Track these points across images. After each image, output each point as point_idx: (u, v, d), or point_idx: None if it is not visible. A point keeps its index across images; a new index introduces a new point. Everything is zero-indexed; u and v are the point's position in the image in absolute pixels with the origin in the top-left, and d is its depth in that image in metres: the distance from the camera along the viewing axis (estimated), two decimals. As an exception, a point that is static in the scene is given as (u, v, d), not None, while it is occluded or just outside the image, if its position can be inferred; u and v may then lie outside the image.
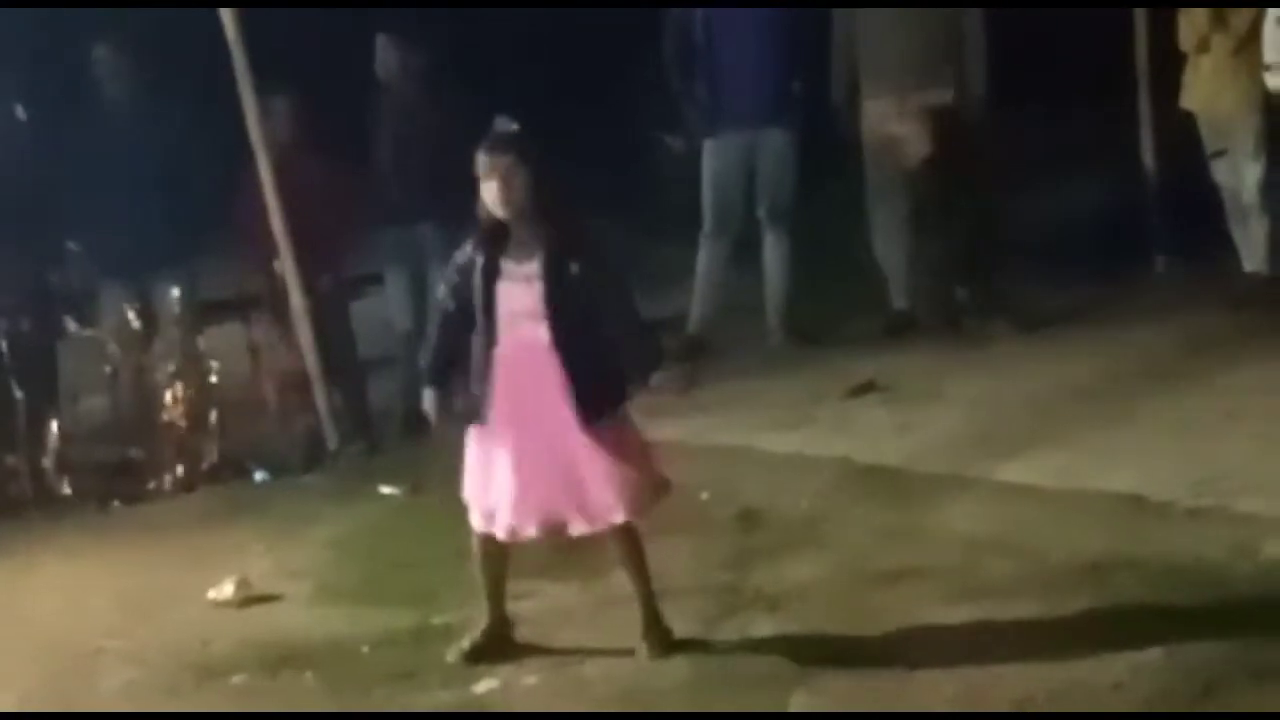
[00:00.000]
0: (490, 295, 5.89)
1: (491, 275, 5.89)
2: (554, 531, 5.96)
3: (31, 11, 9.76)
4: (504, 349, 5.91)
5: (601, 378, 5.89)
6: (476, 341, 5.95)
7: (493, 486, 5.96)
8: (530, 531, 5.94)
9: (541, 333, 5.85)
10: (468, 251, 5.98)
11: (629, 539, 6.00)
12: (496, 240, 5.90)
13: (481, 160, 5.90)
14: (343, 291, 9.87)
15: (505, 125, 5.97)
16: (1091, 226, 11.27)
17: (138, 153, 9.35)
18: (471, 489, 6.05)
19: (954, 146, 9.75)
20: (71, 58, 9.82)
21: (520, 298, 5.87)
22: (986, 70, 9.86)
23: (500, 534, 5.97)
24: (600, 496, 5.87)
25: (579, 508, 5.88)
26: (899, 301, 10.15)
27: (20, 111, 9.47)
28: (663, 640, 5.97)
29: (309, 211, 9.24)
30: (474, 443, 6.03)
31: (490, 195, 5.87)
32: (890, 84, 9.91)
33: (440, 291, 6.13)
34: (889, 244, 10.11)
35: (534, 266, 5.86)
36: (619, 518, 5.89)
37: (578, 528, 5.93)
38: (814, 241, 10.27)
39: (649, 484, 5.97)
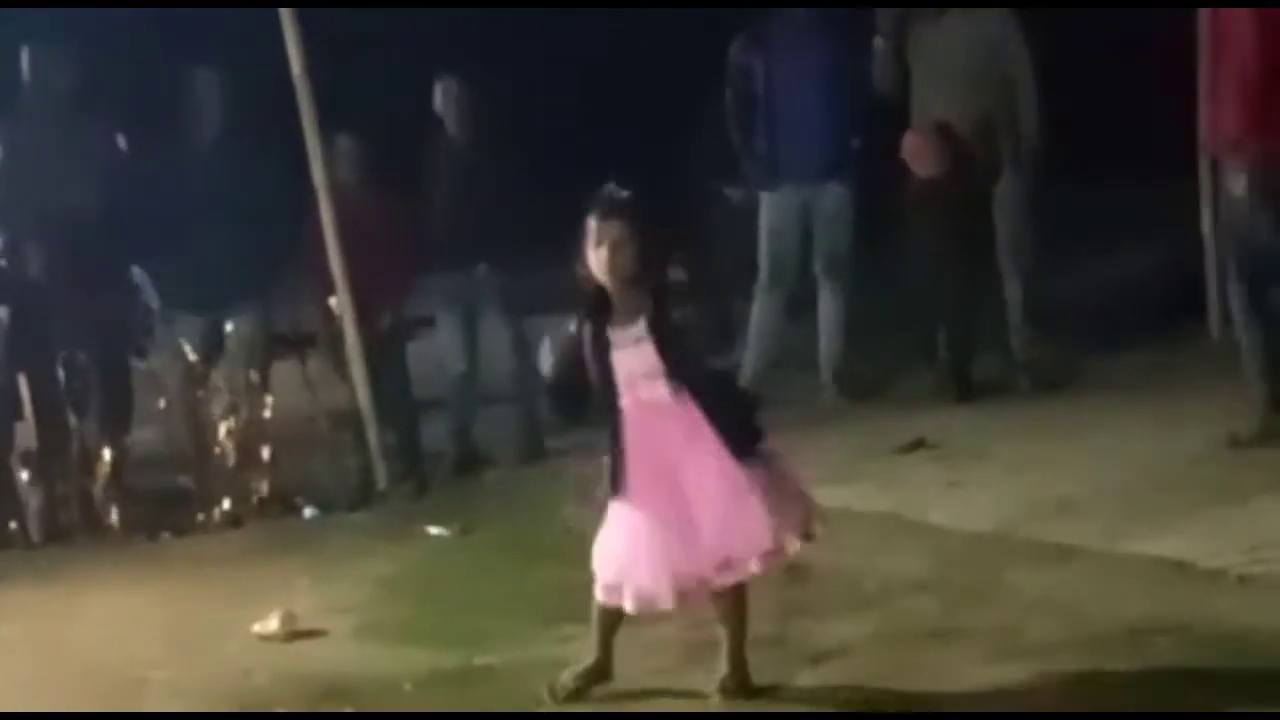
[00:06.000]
0: (606, 365, 5.82)
1: (604, 346, 5.82)
2: (692, 596, 5.85)
3: (115, 44, 9.87)
4: (627, 413, 5.83)
5: (738, 411, 5.85)
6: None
7: (626, 557, 5.84)
8: (668, 600, 5.81)
9: (660, 390, 5.78)
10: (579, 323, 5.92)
11: (739, 589, 5.91)
12: (601, 309, 5.83)
13: (592, 227, 5.81)
14: (401, 331, 9.91)
15: (616, 191, 5.87)
16: (1147, 292, 11.25)
17: (204, 187, 9.42)
18: (601, 559, 5.91)
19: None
20: (142, 89, 9.93)
21: (632, 360, 5.79)
22: (1040, 134, 9.82)
23: (629, 606, 5.85)
24: (757, 531, 5.74)
25: (722, 557, 5.76)
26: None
27: (121, 141, 9.58)
28: (744, 689, 5.89)
29: (371, 250, 9.29)
30: (614, 513, 5.89)
31: (598, 263, 5.78)
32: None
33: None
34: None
35: (640, 328, 5.77)
36: (789, 547, 5.81)
37: (724, 579, 5.80)
38: (869, 297, 10.27)
39: (810, 508, 5.91)
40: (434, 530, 8.55)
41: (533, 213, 9.28)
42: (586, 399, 6.17)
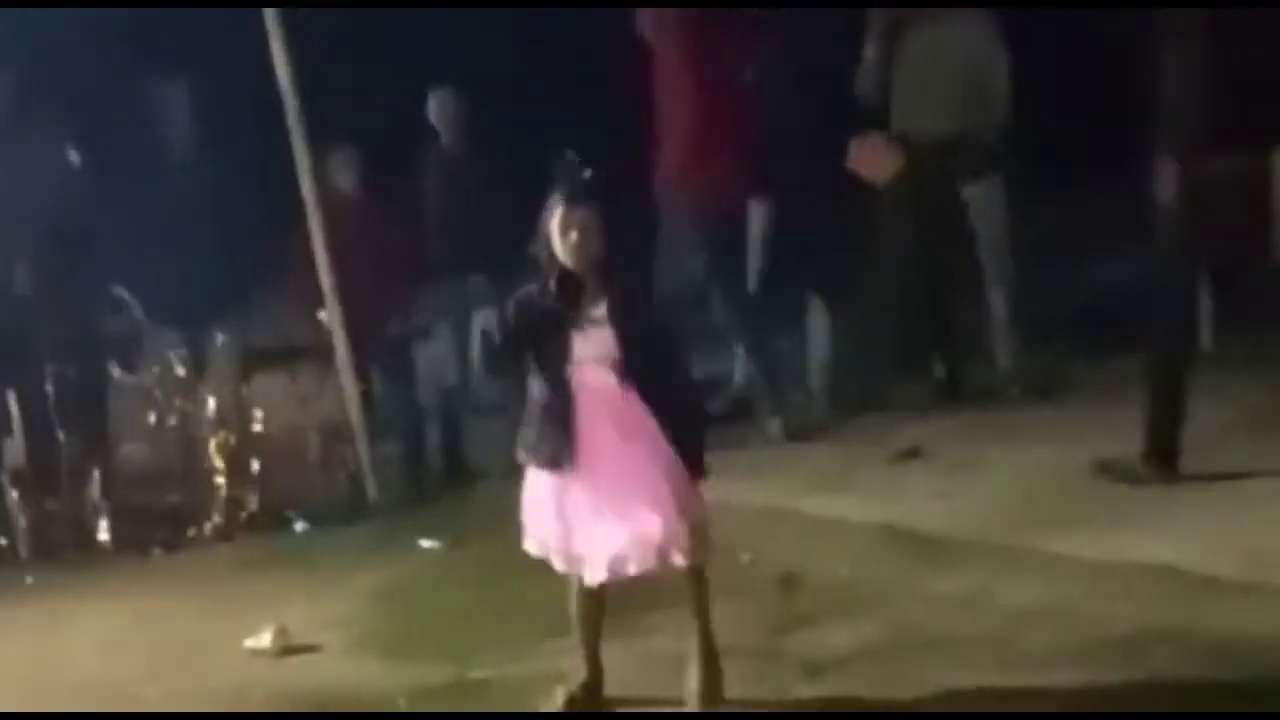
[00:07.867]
0: (566, 343, 5.79)
1: (565, 324, 5.79)
2: (620, 571, 5.84)
3: (87, 49, 9.77)
4: (574, 395, 5.83)
5: (686, 414, 5.87)
6: (540, 388, 5.89)
7: (575, 532, 5.87)
8: (604, 573, 5.85)
9: (609, 377, 5.78)
10: (532, 295, 5.86)
11: (701, 583, 5.94)
12: (571, 290, 5.79)
13: (560, 212, 5.77)
14: (407, 338, 9.87)
15: (577, 169, 5.83)
16: (1138, 301, 11.20)
17: (191, 199, 9.39)
18: (545, 535, 5.96)
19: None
20: (127, 101, 9.87)
21: (586, 344, 5.78)
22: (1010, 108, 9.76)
23: (590, 579, 5.88)
24: (673, 538, 5.77)
25: (648, 548, 5.78)
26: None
27: (73, 155, 9.49)
28: (714, 692, 5.90)
29: (371, 259, 9.25)
30: (543, 488, 5.96)
31: (567, 247, 5.75)
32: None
33: (489, 327, 5.99)
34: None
35: (601, 311, 5.77)
36: (689, 559, 5.82)
37: (645, 566, 5.81)
38: (858, 306, 10.24)
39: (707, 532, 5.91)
40: (426, 543, 8.52)
41: (528, 223, 9.23)
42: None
